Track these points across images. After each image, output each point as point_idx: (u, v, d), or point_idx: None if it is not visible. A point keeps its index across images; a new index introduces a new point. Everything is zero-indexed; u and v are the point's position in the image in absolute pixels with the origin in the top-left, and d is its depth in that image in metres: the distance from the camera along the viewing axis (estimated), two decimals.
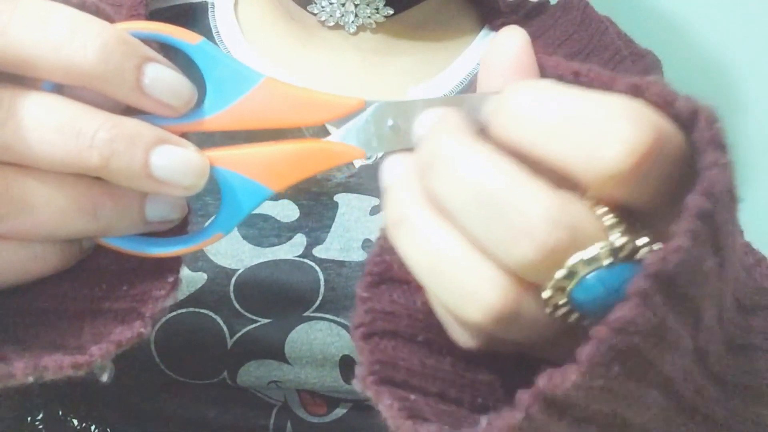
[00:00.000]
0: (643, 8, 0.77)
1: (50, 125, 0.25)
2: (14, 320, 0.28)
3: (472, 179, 0.23)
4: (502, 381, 0.28)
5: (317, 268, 0.45)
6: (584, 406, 0.22)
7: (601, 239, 0.23)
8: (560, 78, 0.26)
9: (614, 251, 0.23)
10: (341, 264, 0.46)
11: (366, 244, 0.47)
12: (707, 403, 0.26)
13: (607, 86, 0.25)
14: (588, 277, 0.22)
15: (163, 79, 0.26)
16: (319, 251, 0.46)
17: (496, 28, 0.58)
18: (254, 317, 0.44)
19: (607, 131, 0.22)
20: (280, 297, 0.44)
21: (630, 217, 0.23)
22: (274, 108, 0.28)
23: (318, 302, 0.45)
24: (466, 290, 0.24)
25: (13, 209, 0.25)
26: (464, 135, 0.24)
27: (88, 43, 0.25)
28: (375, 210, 0.48)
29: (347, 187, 0.49)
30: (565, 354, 0.24)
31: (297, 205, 0.48)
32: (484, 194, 0.23)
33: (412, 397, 0.26)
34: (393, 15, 0.54)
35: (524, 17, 0.59)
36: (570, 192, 0.23)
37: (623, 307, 0.21)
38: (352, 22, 0.54)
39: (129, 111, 0.27)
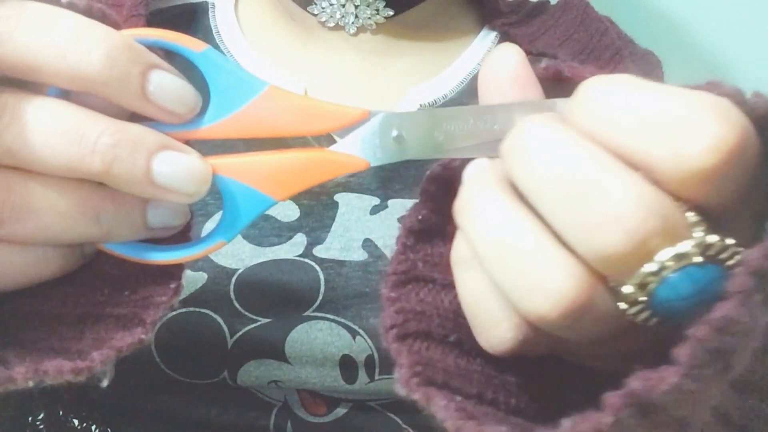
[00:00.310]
0: (643, 8, 0.77)
1: (53, 130, 0.25)
2: (15, 324, 0.28)
3: (556, 157, 0.22)
4: (528, 382, 0.28)
5: (317, 268, 0.45)
6: (668, 409, 0.21)
7: (689, 236, 0.22)
8: (556, 81, 0.26)
9: (706, 248, 0.22)
10: (341, 264, 0.46)
11: (366, 243, 0.47)
12: (726, 405, 0.26)
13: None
14: (676, 274, 0.21)
15: (167, 86, 0.27)
16: (319, 251, 0.46)
17: (496, 28, 0.58)
18: (254, 317, 0.44)
19: (694, 126, 0.21)
20: (281, 297, 0.45)
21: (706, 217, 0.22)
22: (277, 117, 0.28)
23: (318, 302, 0.45)
24: (537, 276, 0.22)
25: (15, 213, 0.25)
26: (552, 120, 0.24)
27: (94, 49, 0.25)
28: (375, 209, 0.48)
29: (347, 187, 0.49)
30: (596, 355, 0.23)
31: (297, 204, 0.48)
32: (568, 173, 0.22)
33: (458, 398, 0.25)
34: (393, 16, 0.54)
35: (524, 17, 0.59)
36: None
37: (726, 305, 0.20)
38: (352, 23, 0.54)
39: (134, 117, 0.27)
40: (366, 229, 0.47)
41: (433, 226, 0.29)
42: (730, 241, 0.22)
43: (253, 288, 0.45)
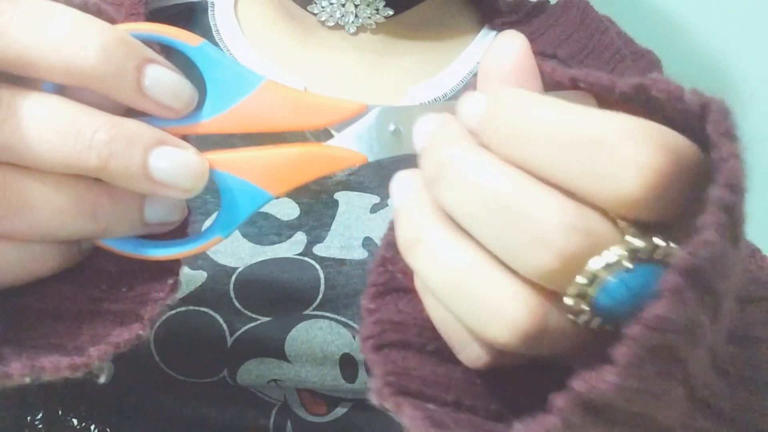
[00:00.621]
0: (643, 8, 0.77)
1: (49, 125, 0.25)
2: (12, 321, 0.28)
3: (481, 185, 0.23)
4: (512, 387, 0.28)
5: (317, 267, 0.45)
6: (618, 407, 0.21)
7: (618, 242, 0.22)
8: (558, 84, 0.26)
9: (634, 253, 0.22)
10: (341, 262, 0.46)
11: (366, 242, 0.47)
12: (716, 398, 0.26)
13: (608, 89, 0.24)
14: (610, 281, 0.22)
15: (163, 81, 0.26)
16: (319, 249, 0.46)
17: (496, 27, 0.58)
18: (254, 315, 0.44)
19: (619, 156, 0.21)
20: (280, 295, 0.44)
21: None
22: (274, 111, 0.28)
23: (318, 300, 0.45)
24: (490, 309, 0.23)
25: (12, 209, 0.25)
26: (466, 142, 0.24)
27: (89, 43, 0.25)
28: (375, 208, 0.48)
29: (347, 185, 0.49)
30: (578, 358, 0.24)
31: (297, 203, 0.48)
32: (493, 201, 0.22)
33: (431, 406, 0.26)
34: (393, 15, 0.54)
35: (524, 17, 0.59)
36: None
37: (657, 304, 0.20)
38: (352, 22, 0.54)
39: (130, 113, 0.27)
40: (366, 227, 0.47)
41: None
42: (658, 241, 0.22)
43: (253, 287, 0.44)
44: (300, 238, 0.47)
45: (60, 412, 0.47)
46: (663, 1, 0.77)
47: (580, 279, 0.22)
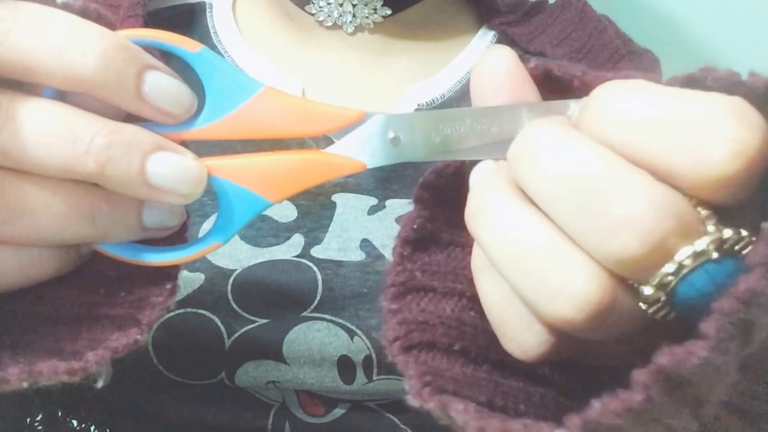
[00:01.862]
0: (641, 7, 0.77)
1: (48, 130, 0.25)
2: (10, 325, 0.28)
3: (566, 162, 0.22)
4: (533, 387, 0.28)
5: (315, 268, 0.45)
6: (697, 385, 0.21)
7: (702, 232, 0.22)
8: (555, 91, 0.26)
9: (722, 243, 0.21)
10: (339, 264, 0.46)
11: (364, 243, 0.47)
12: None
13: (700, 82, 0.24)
14: (696, 271, 0.21)
15: (162, 87, 0.26)
16: (317, 251, 0.46)
17: (494, 27, 0.58)
18: (252, 317, 0.44)
19: (713, 130, 0.21)
20: (278, 297, 0.44)
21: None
22: (273, 118, 0.28)
23: (316, 302, 0.45)
24: (558, 281, 0.22)
25: (10, 214, 0.25)
26: (560, 124, 0.24)
27: (89, 49, 0.25)
28: (373, 210, 0.48)
29: (345, 187, 0.49)
30: (618, 353, 0.23)
31: (295, 205, 0.48)
32: (578, 179, 0.22)
33: (472, 404, 0.24)
34: (391, 15, 0.54)
35: (522, 16, 0.59)
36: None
37: (749, 278, 0.20)
38: (350, 22, 0.54)
39: (130, 118, 0.27)
40: (364, 229, 0.47)
41: (429, 235, 0.29)
42: (744, 233, 0.22)
43: (251, 289, 0.45)
44: (297, 240, 0.47)
45: (59, 414, 0.48)
46: (662, 0, 0.77)
47: (668, 267, 0.21)
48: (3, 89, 0.25)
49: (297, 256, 0.46)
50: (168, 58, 0.28)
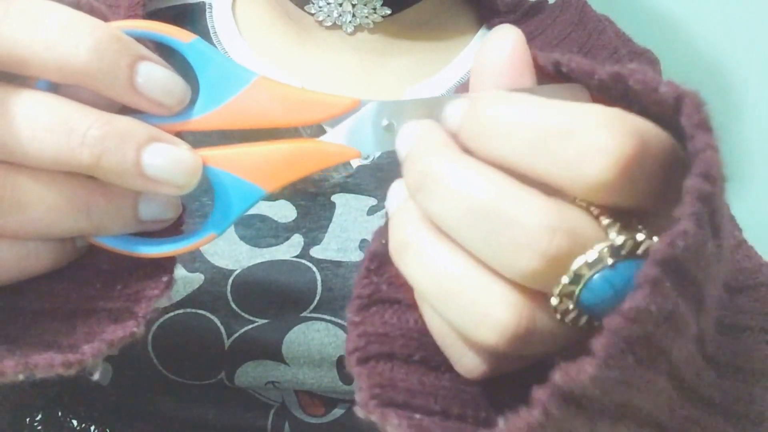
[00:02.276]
0: (641, 8, 0.77)
1: (42, 123, 0.25)
2: (6, 319, 0.28)
3: (463, 195, 0.23)
4: (501, 394, 0.28)
5: (314, 269, 0.45)
6: (600, 398, 0.22)
7: (601, 240, 0.23)
8: (541, 70, 0.26)
9: (616, 250, 0.22)
10: (338, 264, 0.45)
11: (363, 244, 0.47)
12: (705, 386, 0.26)
13: (588, 75, 0.25)
14: (594, 279, 0.22)
15: (156, 78, 0.26)
16: (316, 252, 0.46)
17: (494, 27, 0.58)
18: (251, 318, 0.44)
19: (587, 143, 0.22)
20: (278, 297, 0.44)
21: (622, 213, 0.23)
22: (267, 107, 0.28)
23: (315, 303, 0.44)
24: (478, 311, 0.23)
25: (5, 207, 0.25)
26: (447, 149, 0.24)
27: (81, 41, 0.25)
28: (372, 210, 0.48)
29: (344, 188, 0.49)
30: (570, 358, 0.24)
31: (294, 205, 0.48)
32: (476, 209, 0.23)
33: (417, 416, 0.26)
34: (390, 15, 0.54)
35: (522, 16, 0.59)
36: (559, 197, 0.23)
37: (634, 296, 0.21)
38: (350, 22, 0.54)
39: (124, 110, 0.27)
40: (363, 229, 0.47)
41: None
42: (640, 237, 0.23)
43: (250, 289, 0.44)
44: (297, 241, 0.47)
45: (59, 414, 0.47)
46: (662, 1, 0.77)
47: (565, 279, 0.23)
48: None
49: (296, 257, 0.46)
50: (161, 49, 0.28)
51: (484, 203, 0.23)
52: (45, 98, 0.25)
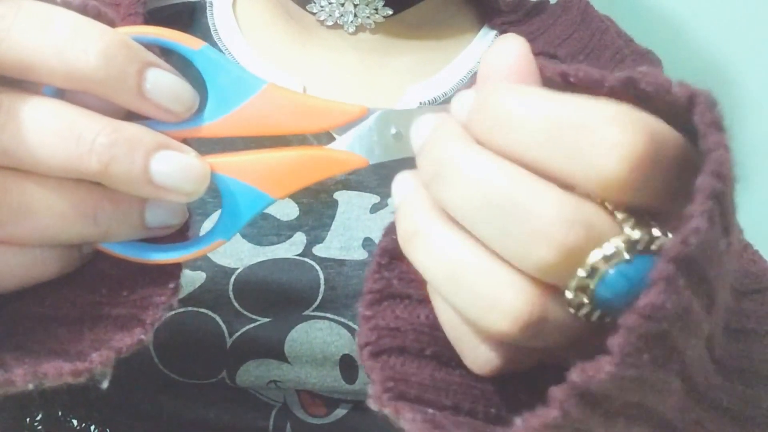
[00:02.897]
0: (643, 8, 0.77)
1: (50, 129, 0.25)
2: (14, 326, 0.28)
3: (480, 184, 0.23)
4: (511, 390, 0.28)
5: (317, 267, 0.45)
6: (616, 398, 0.22)
7: (616, 234, 0.23)
8: (548, 81, 0.26)
9: (632, 244, 0.22)
10: (341, 263, 0.45)
11: (366, 242, 0.47)
12: (714, 389, 0.26)
13: (598, 83, 0.25)
14: (610, 273, 0.22)
15: (164, 84, 0.26)
16: (319, 250, 0.46)
17: (495, 27, 0.58)
18: (254, 316, 0.44)
19: (599, 139, 0.22)
20: (280, 296, 0.44)
21: (636, 210, 0.23)
22: (275, 115, 0.28)
23: (318, 301, 0.44)
24: (489, 298, 0.23)
25: (12, 214, 0.25)
26: (463, 139, 0.24)
27: (90, 47, 0.25)
28: (375, 208, 0.48)
29: (347, 185, 0.49)
30: (580, 355, 0.24)
31: (297, 203, 0.48)
32: (493, 198, 0.23)
33: (430, 411, 0.26)
34: (392, 15, 0.54)
35: (524, 16, 0.59)
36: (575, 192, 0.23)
37: (649, 293, 0.21)
38: (351, 22, 0.54)
39: (131, 116, 0.27)
40: (366, 227, 0.47)
41: None
42: (656, 232, 0.23)
43: (253, 287, 0.44)
44: (300, 239, 0.46)
45: (60, 413, 0.47)
46: (663, 1, 0.77)
47: (581, 272, 0.22)
48: (4, 88, 0.25)
49: (299, 255, 0.46)
50: (168, 56, 0.28)
51: (502, 192, 0.23)
52: (53, 104, 0.25)
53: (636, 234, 0.23)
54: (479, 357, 0.26)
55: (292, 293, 0.44)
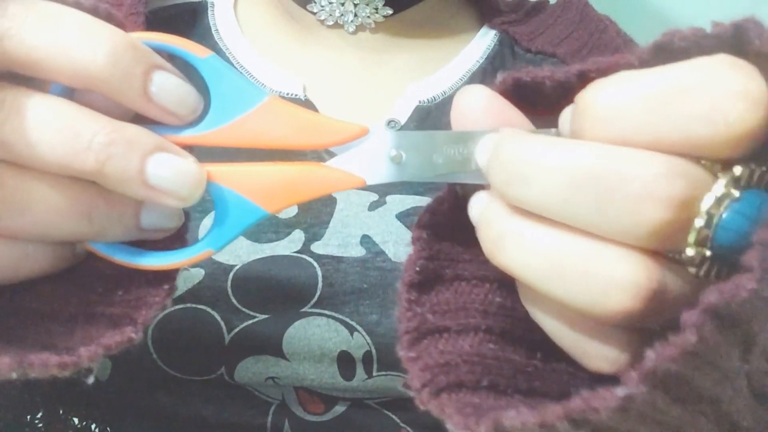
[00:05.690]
0: (642, 8, 0.77)
1: (50, 126, 0.25)
2: (4, 319, 0.28)
3: (563, 167, 0.22)
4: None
5: (315, 264, 0.45)
6: (745, 323, 0.20)
7: (711, 180, 0.22)
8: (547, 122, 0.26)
9: (737, 182, 0.22)
10: (339, 260, 0.46)
11: (364, 239, 0.47)
12: None
13: (627, 65, 0.24)
14: (726, 215, 0.21)
15: (169, 87, 0.26)
16: (317, 247, 0.46)
17: (495, 26, 0.58)
18: (252, 313, 0.44)
19: (720, 90, 0.21)
20: (278, 293, 0.44)
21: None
22: (275, 128, 0.28)
23: (316, 298, 0.44)
24: (602, 278, 0.22)
25: (7, 207, 0.25)
26: (534, 136, 0.24)
27: (98, 47, 0.25)
28: (373, 205, 0.48)
29: None
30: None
31: None
32: (581, 176, 0.22)
33: None
34: (392, 14, 0.54)
35: (523, 16, 0.59)
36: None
37: None
38: (351, 21, 0.54)
39: (137, 119, 0.27)
40: (364, 225, 0.47)
41: (432, 274, 0.28)
42: (753, 165, 0.22)
43: (251, 284, 0.44)
44: (298, 236, 0.47)
45: (60, 412, 0.47)
46: (663, 1, 0.77)
47: (698, 221, 0.21)
48: (9, 83, 0.25)
49: (297, 252, 0.46)
50: (173, 61, 0.28)
51: (589, 167, 0.22)
52: (55, 102, 0.25)
53: (738, 170, 0.22)
54: (609, 353, 0.24)
55: (290, 290, 0.44)
